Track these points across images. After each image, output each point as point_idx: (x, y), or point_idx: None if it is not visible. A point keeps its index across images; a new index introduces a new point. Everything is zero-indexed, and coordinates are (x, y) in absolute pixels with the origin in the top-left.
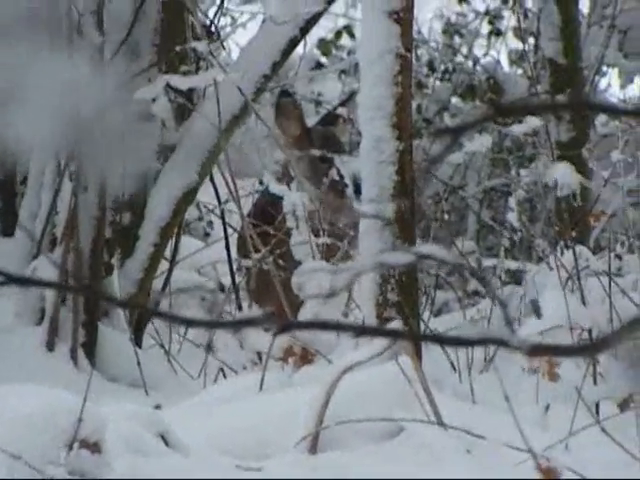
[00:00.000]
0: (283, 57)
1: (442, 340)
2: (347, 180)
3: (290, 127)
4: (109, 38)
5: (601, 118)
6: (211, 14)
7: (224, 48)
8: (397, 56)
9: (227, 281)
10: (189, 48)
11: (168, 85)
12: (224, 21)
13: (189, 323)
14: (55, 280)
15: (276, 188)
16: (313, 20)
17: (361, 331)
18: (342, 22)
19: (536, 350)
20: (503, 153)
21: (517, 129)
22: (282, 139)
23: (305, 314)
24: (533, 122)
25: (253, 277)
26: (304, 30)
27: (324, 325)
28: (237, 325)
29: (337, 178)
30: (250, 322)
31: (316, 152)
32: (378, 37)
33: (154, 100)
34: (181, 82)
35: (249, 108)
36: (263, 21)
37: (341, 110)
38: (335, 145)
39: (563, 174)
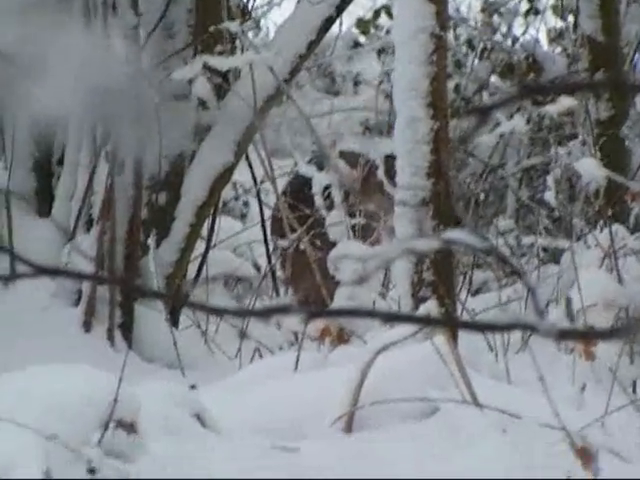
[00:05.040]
0: (319, 36)
1: (471, 325)
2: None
3: None
4: (144, 19)
5: None
6: None
7: (259, 28)
8: (432, 35)
9: (263, 262)
10: (224, 28)
11: (205, 65)
12: (261, 1)
13: (220, 312)
14: (91, 261)
15: (305, 169)
16: None
17: (391, 318)
18: (381, 1)
19: (565, 335)
20: (542, 132)
21: (552, 109)
22: None
23: (341, 295)
24: (567, 102)
25: (289, 258)
26: (340, 9)
27: (354, 312)
28: (267, 313)
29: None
30: (280, 310)
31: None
32: (412, 16)
33: (190, 81)
34: (219, 62)
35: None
36: (299, 0)
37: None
38: None
39: (589, 169)
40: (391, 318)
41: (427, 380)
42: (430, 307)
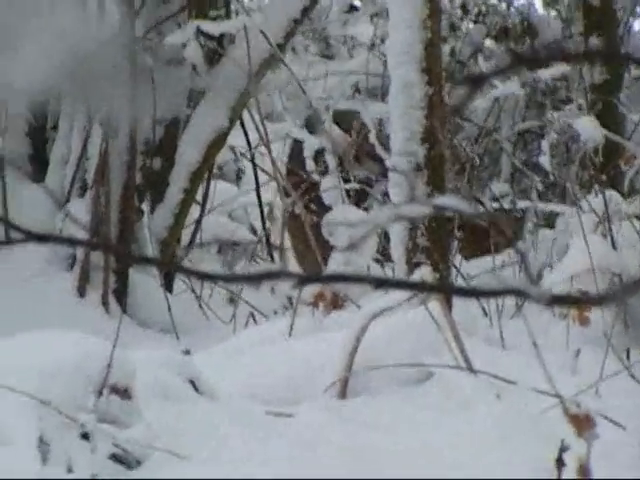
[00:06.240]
0: (313, 1)
1: (463, 291)
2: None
3: None
4: None
5: None
6: None
7: None
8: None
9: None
10: None
11: (199, 30)
12: None
13: (210, 277)
14: (84, 227)
15: (297, 132)
16: None
17: (384, 283)
18: None
19: (556, 301)
20: (537, 96)
21: (546, 73)
22: None
23: (336, 260)
24: (561, 67)
25: (286, 222)
26: None
27: (346, 277)
28: (258, 278)
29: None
30: (271, 275)
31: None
32: None
33: (184, 45)
34: (212, 27)
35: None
36: None
37: None
38: None
39: (587, 128)
40: (384, 284)
41: (421, 346)
42: (425, 273)
